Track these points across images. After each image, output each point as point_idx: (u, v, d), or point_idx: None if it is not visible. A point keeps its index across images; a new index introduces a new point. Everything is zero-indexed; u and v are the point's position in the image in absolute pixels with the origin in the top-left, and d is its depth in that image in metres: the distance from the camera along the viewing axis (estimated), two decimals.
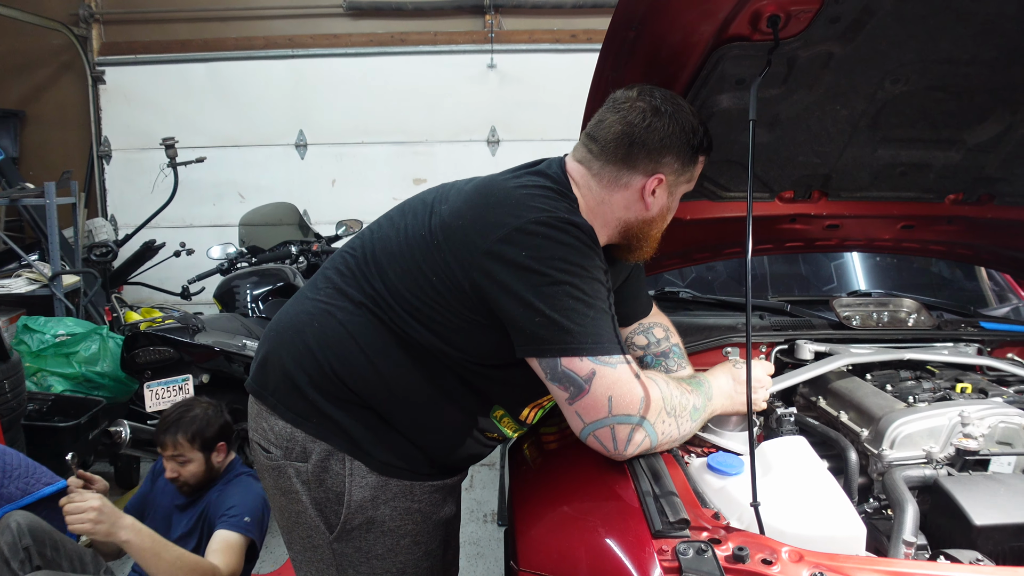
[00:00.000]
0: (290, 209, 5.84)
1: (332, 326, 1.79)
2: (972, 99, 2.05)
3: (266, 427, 1.85)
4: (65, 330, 4.39)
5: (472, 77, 7.25)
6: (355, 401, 1.77)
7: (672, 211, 1.83)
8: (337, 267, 1.88)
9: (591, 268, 1.60)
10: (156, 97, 7.38)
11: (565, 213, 1.64)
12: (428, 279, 1.70)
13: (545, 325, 1.57)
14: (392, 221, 1.86)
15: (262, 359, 1.90)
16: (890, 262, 3.64)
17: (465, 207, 1.71)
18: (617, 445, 1.61)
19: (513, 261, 1.58)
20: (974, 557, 1.52)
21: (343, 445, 1.77)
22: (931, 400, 2.12)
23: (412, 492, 1.83)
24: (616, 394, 1.57)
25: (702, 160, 1.80)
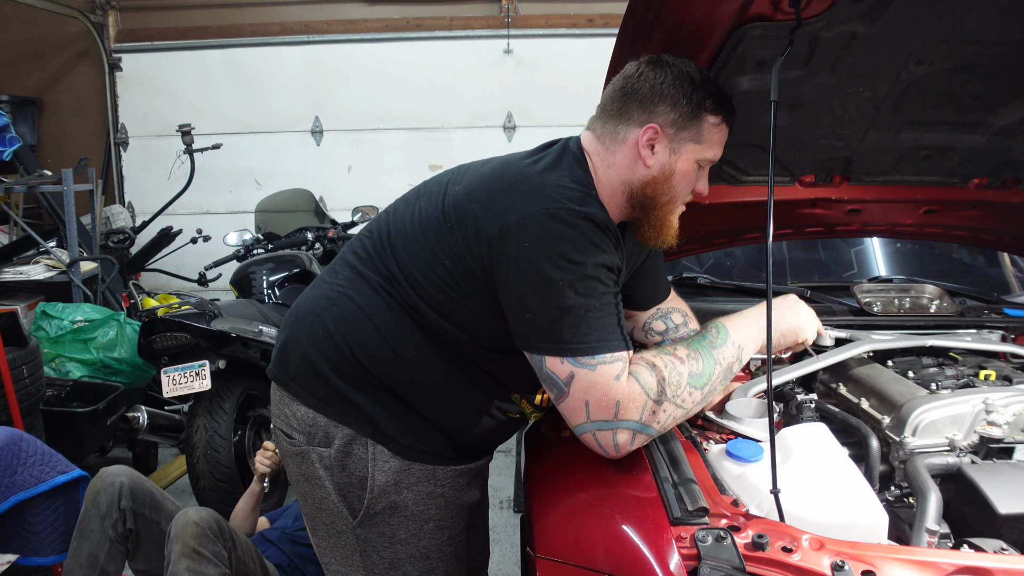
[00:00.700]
0: (306, 196, 5.84)
1: (350, 310, 1.78)
2: (998, 81, 2.01)
3: (288, 413, 1.85)
4: (83, 316, 4.42)
5: (488, 62, 7.21)
6: (376, 385, 1.77)
7: (684, 177, 1.73)
8: (355, 251, 1.88)
9: (591, 266, 1.56)
10: (172, 84, 7.39)
11: (576, 203, 1.59)
12: (441, 262, 1.69)
13: (534, 323, 1.57)
14: (408, 203, 1.85)
15: (282, 345, 1.90)
16: (911, 248, 3.59)
17: (479, 189, 1.69)
18: (605, 450, 1.60)
19: (515, 250, 1.57)
20: (998, 546, 1.49)
21: (365, 429, 1.77)
22: (954, 387, 2.08)
23: (435, 476, 1.83)
24: (592, 399, 1.55)
25: (712, 121, 1.70)
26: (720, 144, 1.75)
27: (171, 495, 4.44)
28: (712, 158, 1.75)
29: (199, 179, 6.05)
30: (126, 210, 7.22)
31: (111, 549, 2.45)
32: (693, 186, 1.77)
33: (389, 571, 1.84)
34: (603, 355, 1.54)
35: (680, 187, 1.74)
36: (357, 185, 7.22)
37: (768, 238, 1.52)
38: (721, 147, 1.75)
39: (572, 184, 1.65)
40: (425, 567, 1.86)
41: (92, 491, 2.50)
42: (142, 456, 4.70)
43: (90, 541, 2.45)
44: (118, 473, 2.53)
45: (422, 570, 1.86)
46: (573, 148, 1.77)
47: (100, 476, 2.53)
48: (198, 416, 3.80)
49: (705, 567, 1.33)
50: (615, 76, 1.76)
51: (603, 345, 1.54)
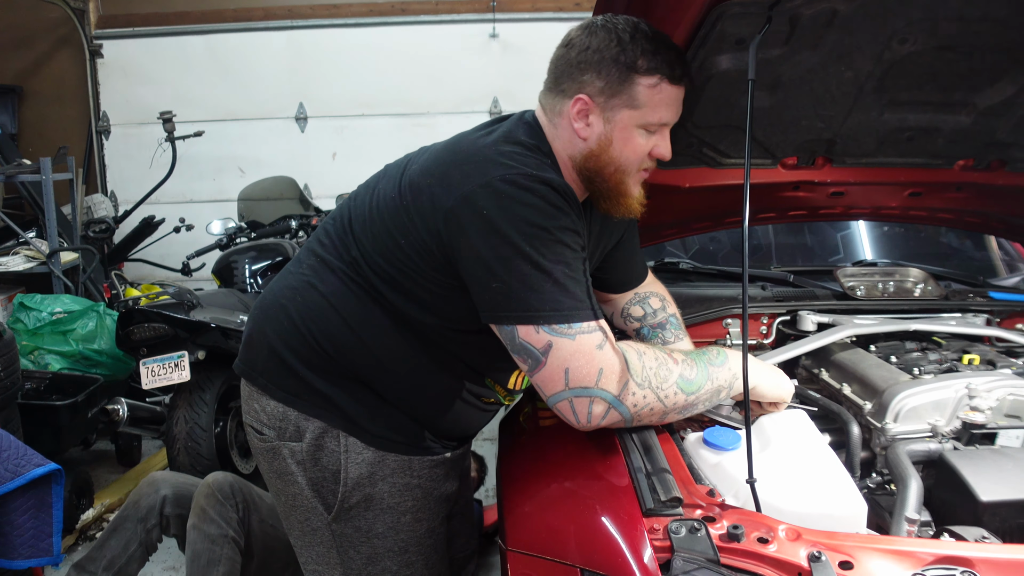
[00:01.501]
0: (290, 183, 5.79)
1: (314, 298, 1.75)
2: (983, 59, 1.96)
3: (258, 408, 1.81)
4: (62, 307, 4.36)
5: (474, 47, 7.15)
6: (345, 374, 1.74)
7: (625, 144, 1.65)
8: (319, 238, 1.84)
9: (556, 230, 1.51)
10: (154, 70, 7.29)
11: (534, 168, 1.55)
12: (397, 242, 1.65)
13: (502, 291, 1.51)
14: (368, 187, 1.82)
15: (247, 338, 1.87)
16: (897, 231, 3.57)
17: (433, 164, 1.65)
18: (579, 418, 1.55)
19: (474, 220, 1.52)
20: (980, 535, 1.47)
21: (337, 421, 1.74)
22: (937, 372, 2.06)
23: (411, 467, 1.79)
24: (573, 366, 1.50)
25: (647, 82, 1.59)
26: (666, 104, 1.63)
27: None
28: (659, 121, 1.64)
29: (182, 167, 5.99)
30: (108, 199, 7.14)
31: (137, 552, 2.48)
32: (645, 151, 1.67)
33: (367, 567, 1.81)
34: (580, 324, 1.50)
35: (624, 156, 1.66)
36: (342, 172, 7.14)
37: (744, 221, 1.48)
38: (670, 107, 1.64)
39: (528, 152, 1.61)
40: (404, 560, 1.83)
41: (136, 492, 2.55)
42: (125, 449, 4.64)
43: (120, 537, 2.48)
44: (163, 482, 2.55)
45: (401, 564, 1.83)
46: (528, 119, 1.73)
47: (149, 478, 2.59)
48: (178, 408, 3.76)
49: (678, 560, 1.30)
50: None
51: (576, 312, 1.51)
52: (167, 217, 5.82)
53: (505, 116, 1.77)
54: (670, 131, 1.70)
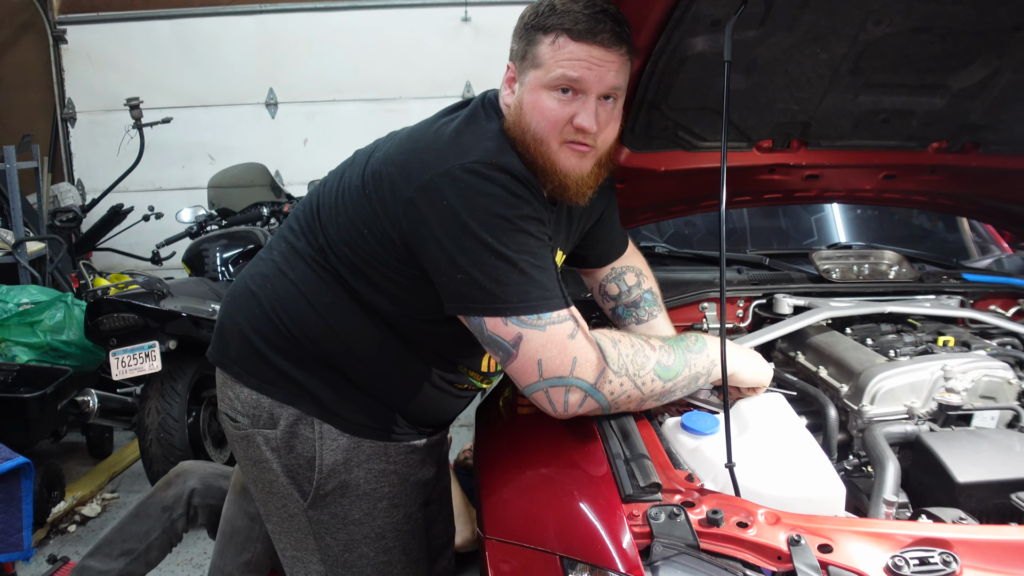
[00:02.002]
0: (261, 170, 5.71)
1: (284, 285, 1.74)
2: (957, 41, 1.96)
3: (232, 396, 1.80)
4: (29, 298, 4.27)
5: (446, 31, 7.09)
6: (318, 361, 1.73)
7: (534, 108, 1.56)
8: (290, 225, 1.83)
9: (518, 219, 1.49)
10: (120, 56, 7.16)
11: (494, 155, 1.53)
12: (360, 232, 1.63)
13: (468, 283, 1.50)
14: (337, 173, 1.80)
15: (219, 326, 1.87)
16: (871, 214, 3.59)
17: (395, 152, 1.63)
18: (555, 407, 1.54)
19: (435, 211, 1.50)
20: (957, 516, 1.48)
21: (311, 408, 1.73)
22: (913, 354, 2.06)
23: (387, 453, 1.79)
24: (545, 357, 1.50)
25: (546, 40, 1.54)
26: (568, 61, 1.53)
27: (127, 479, 4.39)
28: (561, 77, 1.53)
29: (150, 155, 5.90)
30: (75, 188, 7.01)
31: (160, 539, 2.45)
32: (558, 116, 1.56)
33: (344, 553, 1.80)
34: (548, 314, 1.49)
35: (535, 120, 1.57)
36: (313, 158, 7.07)
37: (721, 204, 1.46)
38: (573, 64, 1.52)
39: (487, 137, 1.59)
40: (381, 547, 1.82)
41: (164, 480, 2.52)
42: (96, 440, 4.59)
43: (144, 523, 2.45)
44: (192, 472, 2.52)
45: (378, 550, 1.82)
46: (491, 97, 1.70)
47: (178, 468, 2.56)
48: (150, 398, 3.71)
49: (658, 545, 1.30)
50: None
51: (545, 302, 1.50)
52: (136, 206, 5.74)
53: (471, 99, 1.74)
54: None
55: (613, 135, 1.66)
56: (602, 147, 1.65)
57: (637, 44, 1.82)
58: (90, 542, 3.66)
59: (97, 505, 4.06)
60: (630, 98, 2.01)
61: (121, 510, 4.05)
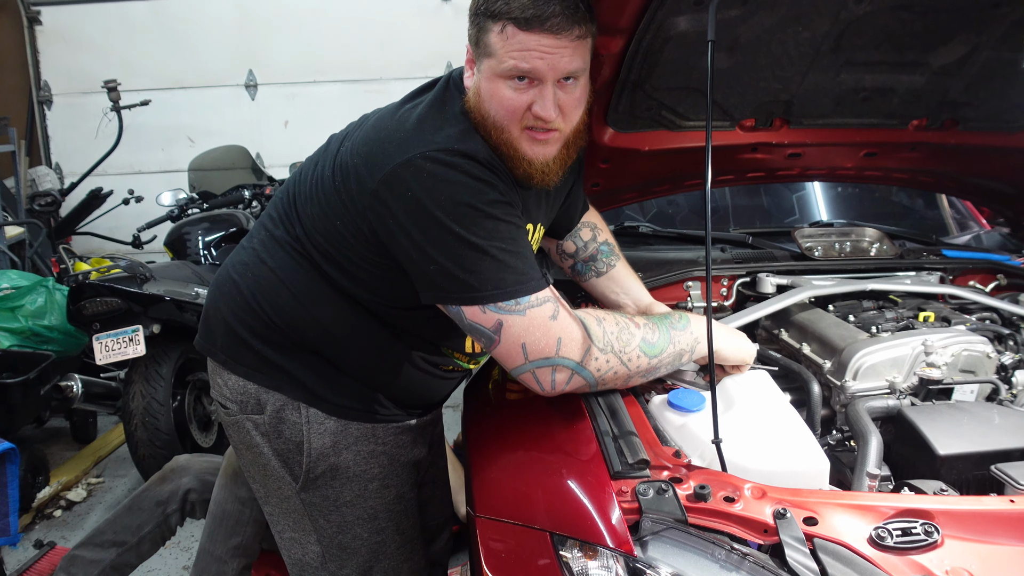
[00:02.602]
0: (242, 152, 5.66)
1: (264, 274, 1.74)
2: (937, 19, 1.98)
3: (221, 383, 1.82)
4: (9, 283, 4.23)
5: (426, 10, 7.03)
6: (301, 347, 1.73)
7: (490, 96, 1.53)
8: (270, 213, 1.83)
9: (484, 205, 1.48)
10: (97, 37, 7.05)
11: (456, 141, 1.51)
12: (334, 224, 1.63)
13: (440, 273, 1.50)
14: (312, 161, 1.79)
15: (205, 315, 1.88)
16: (852, 191, 3.61)
17: (361, 143, 1.61)
18: (543, 386, 1.56)
19: (400, 202, 1.49)
20: (938, 487, 1.51)
21: (296, 393, 1.74)
22: (894, 330, 2.09)
23: (375, 434, 1.79)
24: (529, 341, 1.50)
25: (495, 29, 1.48)
26: (519, 51, 1.47)
27: (112, 464, 4.38)
28: (512, 69, 1.49)
29: (129, 138, 5.82)
30: (53, 171, 6.93)
31: (153, 533, 2.45)
32: (517, 105, 1.52)
33: (338, 535, 1.81)
34: (527, 298, 1.50)
35: (494, 109, 1.54)
36: (295, 140, 6.98)
37: (706, 183, 1.47)
38: (523, 53, 1.47)
39: (449, 123, 1.56)
40: (374, 527, 1.83)
41: (160, 474, 2.51)
42: (80, 425, 4.57)
43: (137, 517, 2.44)
44: (189, 467, 2.52)
45: (371, 531, 1.83)
46: (455, 76, 1.67)
47: (174, 462, 2.55)
48: (134, 383, 3.69)
49: (647, 521, 1.32)
50: None
51: (521, 286, 1.49)
52: (115, 189, 5.65)
53: (438, 78, 1.70)
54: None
55: (579, 115, 1.61)
56: (568, 129, 1.60)
57: (620, 24, 1.82)
58: (76, 527, 3.68)
59: (83, 490, 4.06)
60: (613, 78, 2.02)
61: (107, 495, 4.05)
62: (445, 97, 1.63)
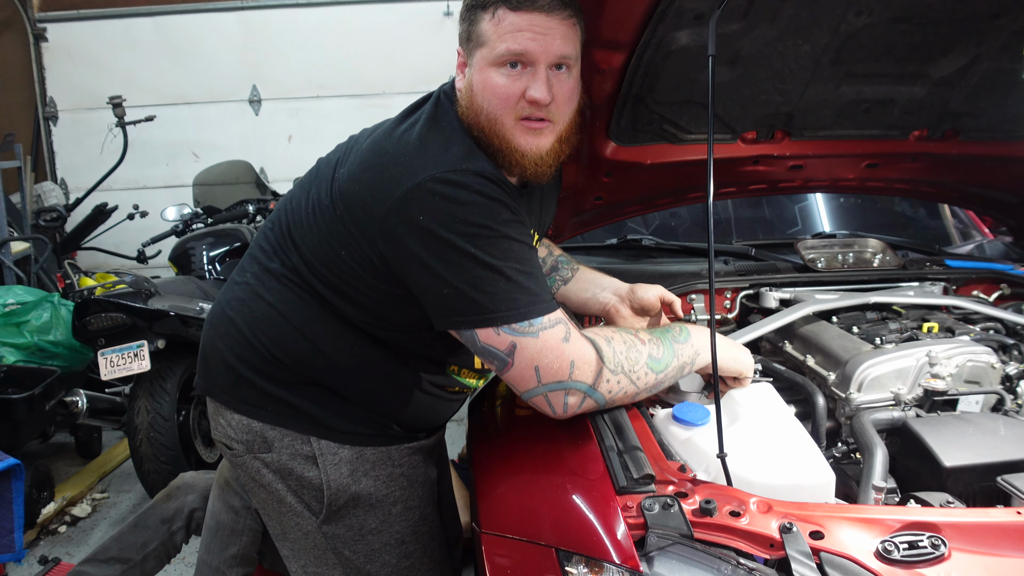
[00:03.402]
0: (246, 167, 5.69)
1: (261, 308, 1.71)
2: (937, 30, 1.99)
3: (224, 423, 1.78)
4: (15, 299, 4.25)
5: (428, 25, 7.06)
6: (304, 380, 1.70)
7: (484, 87, 1.53)
8: (260, 244, 1.79)
9: (498, 225, 1.46)
10: (102, 54, 7.09)
11: (463, 159, 1.49)
12: (337, 253, 1.60)
13: (455, 297, 1.47)
14: (304, 189, 1.74)
15: (202, 354, 1.84)
16: (854, 202, 3.61)
17: (361, 169, 1.58)
18: (555, 410, 1.55)
19: (411, 227, 1.46)
20: (944, 499, 1.50)
21: (304, 427, 1.71)
22: (898, 341, 2.09)
23: (391, 457, 1.77)
24: (542, 364, 1.49)
25: (487, 16, 1.50)
26: (511, 33, 1.48)
27: (116, 479, 4.38)
28: (506, 51, 1.49)
29: (134, 153, 5.86)
30: (58, 187, 6.97)
31: (158, 550, 2.44)
32: (510, 92, 1.52)
33: (366, 564, 1.78)
34: (540, 319, 1.48)
35: (487, 99, 1.53)
36: (298, 155, 7.02)
37: (709, 196, 1.47)
38: (517, 36, 1.48)
39: (453, 141, 1.54)
40: (403, 552, 1.80)
41: (165, 492, 2.50)
42: (85, 441, 4.57)
43: (142, 534, 2.43)
44: (195, 484, 2.50)
45: (400, 555, 1.80)
46: (447, 90, 1.64)
47: (179, 479, 2.53)
48: (139, 398, 3.69)
49: (652, 536, 1.31)
50: None
51: (534, 307, 1.48)
52: (120, 204, 5.69)
53: (428, 95, 1.67)
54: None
55: (572, 108, 1.60)
56: (560, 121, 1.58)
57: (621, 38, 1.84)
58: (81, 542, 3.68)
59: (87, 505, 4.05)
60: (615, 92, 2.03)
61: (111, 510, 4.05)
62: (438, 113, 1.60)
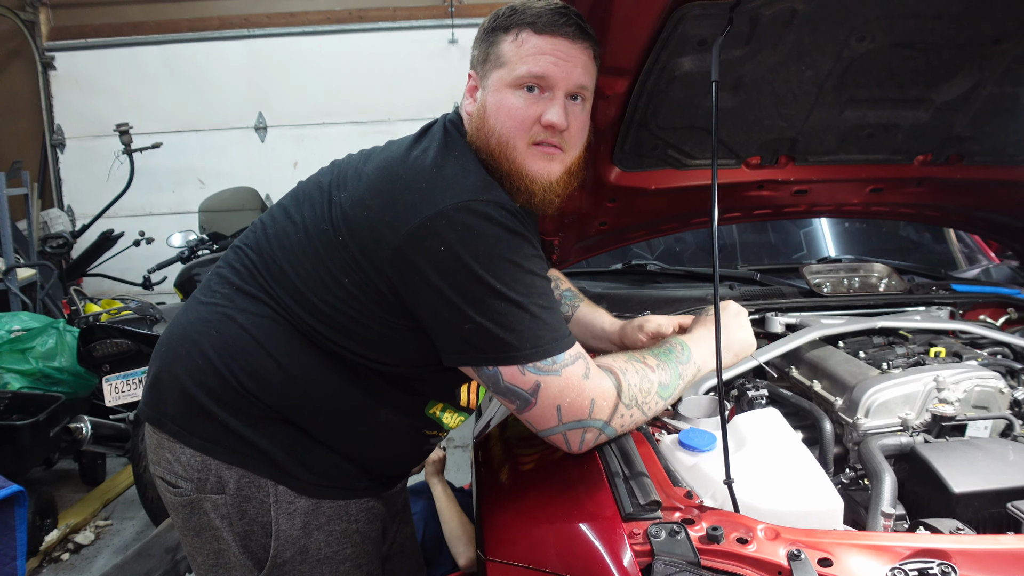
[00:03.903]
0: (251, 194, 5.73)
1: (233, 332, 1.58)
2: (939, 55, 2.00)
3: (171, 458, 1.60)
4: (20, 325, 4.26)
5: (433, 53, 7.14)
6: (270, 416, 1.57)
7: (499, 108, 1.51)
8: (232, 264, 1.67)
9: (522, 259, 1.41)
10: (109, 82, 7.19)
11: (483, 190, 1.43)
12: (338, 281, 1.51)
13: (477, 333, 1.41)
14: (288, 213, 1.64)
15: (153, 380, 1.66)
16: (859, 227, 3.61)
17: (369, 195, 1.50)
18: (571, 446, 1.53)
19: (432, 257, 1.39)
20: (954, 526, 1.48)
21: (263, 469, 1.58)
22: (905, 366, 2.08)
23: (347, 512, 1.67)
24: (564, 403, 1.46)
25: (508, 38, 1.51)
26: (534, 56, 1.49)
27: (120, 506, 4.36)
28: (528, 73, 1.49)
29: (140, 180, 5.90)
30: (65, 213, 7.02)
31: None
32: (526, 116, 1.51)
33: None
34: (561, 356, 1.45)
35: (500, 121, 1.51)
36: None
37: (713, 221, 1.47)
38: (539, 58, 1.48)
39: (469, 170, 1.49)
40: None
41: (170, 521, 2.47)
42: (89, 467, 4.56)
43: (146, 563, 2.45)
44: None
45: None
46: (453, 119, 1.62)
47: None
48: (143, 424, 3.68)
49: (659, 563, 1.29)
50: None
51: (557, 344, 1.45)
52: (126, 231, 5.73)
53: (432, 123, 1.64)
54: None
55: (583, 140, 1.59)
56: (571, 152, 1.57)
57: (625, 64, 1.85)
58: (84, 570, 3.65)
59: (91, 532, 4.03)
60: (619, 118, 2.03)
61: (115, 537, 4.03)
62: (449, 141, 1.55)
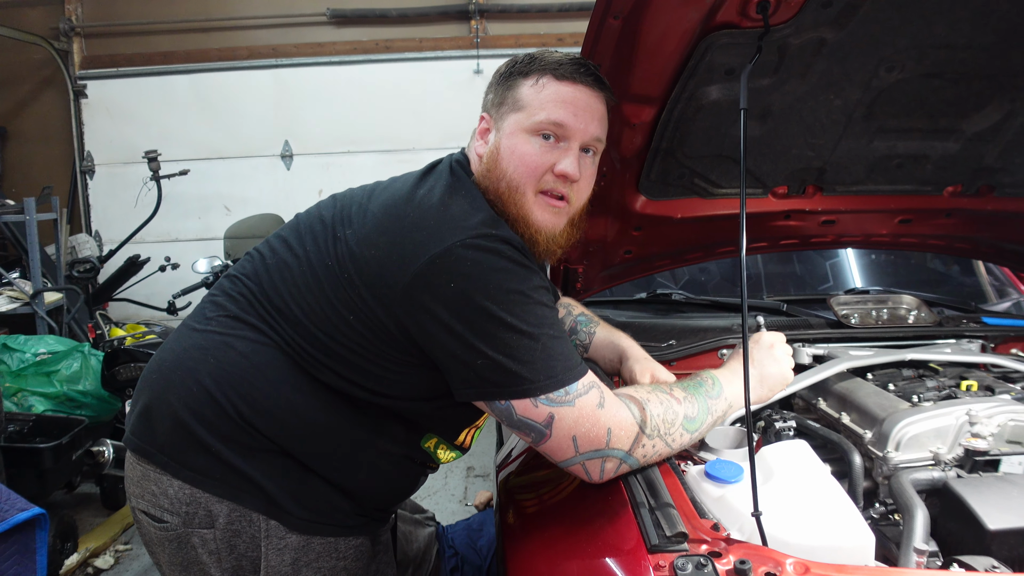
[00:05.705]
0: (276, 221, 5.76)
1: (232, 359, 1.56)
2: (970, 86, 1.98)
3: (156, 491, 1.57)
4: (46, 348, 4.30)
5: (459, 83, 7.20)
6: (267, 448, 1.56)
7: (511, 153, 1.54)
8: (228, 293, 1.66)
9: (531, 291, 1.42)
10: (139, 110, 7.32)
11: (490, 226, 1.44)
12: (343, 318, 1.50)
13: (489, 367, 1.40)
14: (288, 245, 1.64)
15: (143, 409, 1.62)
16: (886, 258, 3.57)
17: (376, 233, 1.50)
18: (591, 476, 1.50)
19: (440, 295, 1.40)
20: (989, 564, 1.44)
21: (256, 503, 1.55)
22: (936, 399, 2.04)
23: (337, 549, 1.65)
24: (579, 433, 1.44)
25: (528, 82, 1.54)
26: (553, 102, 1.51)
27: None
28: (546, 119, 1.51)
29: (167, 206, 5.97)
30: (92, 239, 7.10)
31: None
32: (539, 163, 1.53)
33: None
34: (574, 386, 1.44)
35: (512, 165, 1.53)
36: None
37: (741, 251, 1.46)
38: (558, 105, 1.51)
39: (477, 207, 1.50)
40: None
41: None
42: (110, 491, 4.56)
43: None
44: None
45: None
46: (460, 159, 1.64)
47: None
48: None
49: None
50: None
51: (569, 374, 1.44)
52: (152, 256, 5.78)
53: (437, 161, 1.66)
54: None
55: (587, 193, 1.61)
56: (576, 205, 1.59)
57: (652, 93, 1.85)
58: None
59: (110, 557, 4.02)
60: (645, 146, 2.03)
61: (134, 562, 4.02)
62: (456, 180, 1.56)
